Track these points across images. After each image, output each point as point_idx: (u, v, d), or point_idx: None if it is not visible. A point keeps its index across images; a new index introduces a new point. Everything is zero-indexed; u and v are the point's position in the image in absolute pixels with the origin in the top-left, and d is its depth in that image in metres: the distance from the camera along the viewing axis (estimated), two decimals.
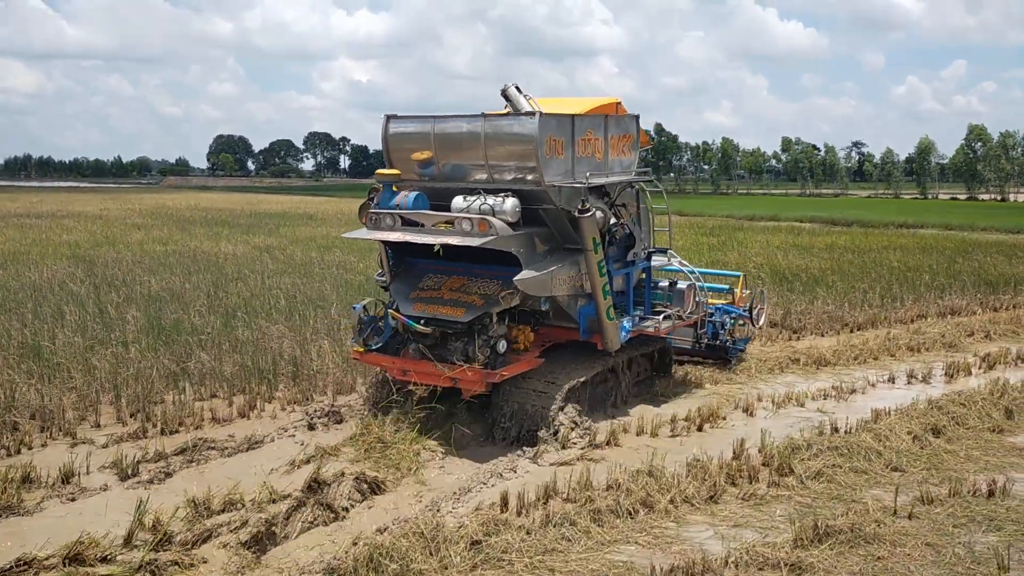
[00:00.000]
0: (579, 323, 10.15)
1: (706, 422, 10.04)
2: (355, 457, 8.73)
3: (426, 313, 9.55)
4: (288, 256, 23.39)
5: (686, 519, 7.34)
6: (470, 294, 9.60)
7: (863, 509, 7.34)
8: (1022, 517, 7.25)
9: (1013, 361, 13.38)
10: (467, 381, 9.29)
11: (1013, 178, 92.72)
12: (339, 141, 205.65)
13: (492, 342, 9.28)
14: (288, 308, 15.05)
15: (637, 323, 10.80)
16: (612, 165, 10.46)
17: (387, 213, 9.61)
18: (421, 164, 9.94)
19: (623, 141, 10.66)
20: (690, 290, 11.66)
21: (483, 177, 9.65)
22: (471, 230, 9.01)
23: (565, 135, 9.58)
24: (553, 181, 9.39)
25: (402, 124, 10.04)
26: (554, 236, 9.88)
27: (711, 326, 12.68)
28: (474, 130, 9.47)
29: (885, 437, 9.09)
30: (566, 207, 9.54)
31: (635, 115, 10.99)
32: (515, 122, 9.40)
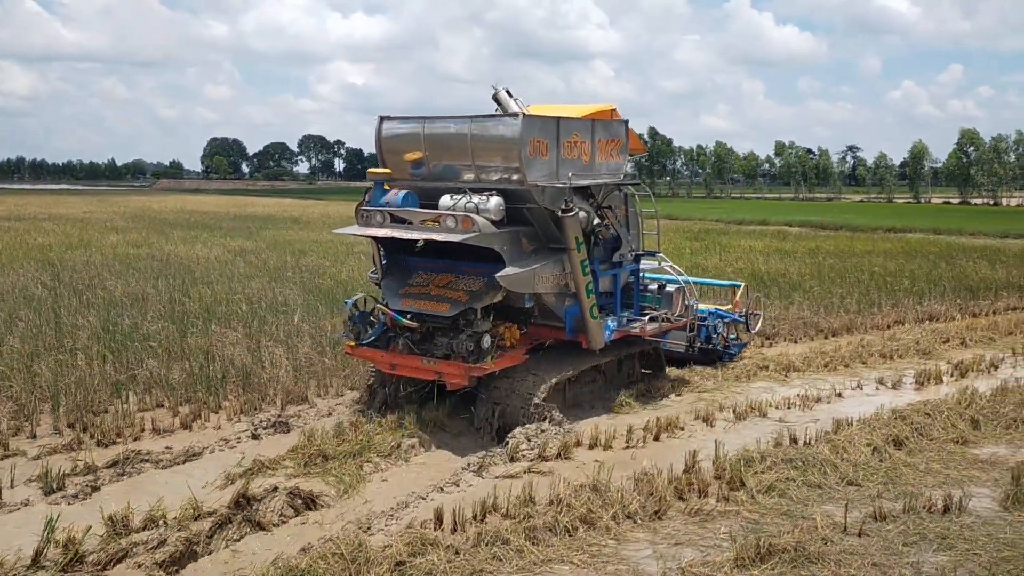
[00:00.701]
0: (565, 322, 10.38)
1: (663, 432, 9.75)
2: (294, 471, 8.42)
3: (413, 308, 9.81)
4: (262, 260, 23.07)
5: (627, 536, 7.03)
6: (456, 290, 9.86)
7: (811, 526, 7.04)
8: (975, 535, 6.96)
9: (986, 368, 13.11)
10: (450, 375, 9.56)
11: (1006, 182, 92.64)
12: (334, 144, 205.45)
13: (476, 337, 9.47)
14: (248, 314, 14.73)
15: (624, 324, 10.98)
16: (599, 168, 10.66)
17: (377, 210, 9.95)
18: (413, 164, 10.22)
19: (611, 145, 10.86)
20: (678, 293, 11.84)
21: (471, 177, 9.93)
22: (455, 227, 9.30)
23: (550, 137, 9.83)
24: (537, 181, 9.63)
25: (395, 125, 10.39)
26: (539, 235, 10.10)
27: (704, 330, 12.81)
28: (461, 131, 9.82)
29: (844, 449, 8.79)
30: (550, 207, 9.77)
31: (624, 120, 11.21)
32: (499, 123, 9.73)
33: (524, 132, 9.41)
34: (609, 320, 10.71)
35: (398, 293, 10.19)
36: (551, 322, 10.53)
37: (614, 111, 11.35)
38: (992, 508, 7.54)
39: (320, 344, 12.70)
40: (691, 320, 12.21)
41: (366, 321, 10.30)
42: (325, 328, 13.55)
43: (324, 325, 13.72)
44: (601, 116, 11.04)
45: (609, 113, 11.25)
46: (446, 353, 9.63)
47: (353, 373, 11.65)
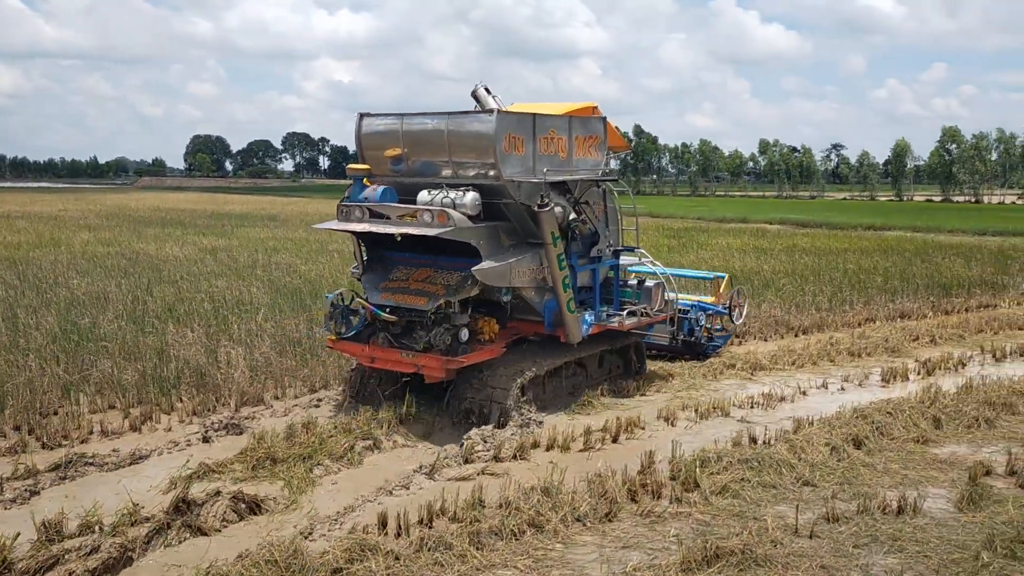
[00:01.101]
0: (544, 316, 10.51)
1: (624, 432, 9.61)
2: (241, 474, 8.24)
3: (392, 302, 10.01)
4: (232, 258, 22.82)
5: (574, 540, 6.89)
6: (434, 284, 10.02)
7: (762, 528, 6.92)
8: (927, 537, 6.85)
9: (954, 366, 13.04)
10: (429, 368, 9.74)
11: (987, 180, 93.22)
12: (318, 141, 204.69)
13: (454, 331, 9.67)
14: (210, 313, 14.50)
15: (602, 319, 11.11)
16: (577, 164, 10.78)
17: (356, 206, 10.10)
18: (392, 160, 10.40)
19: (589, 142, 10.99)
20: (658, 288, 12.03)
21: (448, 173, 10.09)
22: (431, 221, 9.43)
23: (525, 133, 9.94)
24: (512, 176, 9.74)
25: (374, 122, 10.51)
26: (517, 230, 10.18)
27: (687, 323, 12.94)
28: (438, 128, 9.93)
29: (802, 449, 8.68)
30: (526, 202, 9.86)
31: (602, 117, 11.34)
32: (475, 120, 9.85)
33: (499, 128, 9.54)
34: (587, 314, 10.80)
35: (378, 288, 10.34)
36: (530, 316, 10.67)
37: (595, 109, 11.46)
38: (947, 509, 7.44)
39: (280, 344, 12.51)
40: (671, 314, 12.39)
41: (347, 315, 10.45)
42: (288, 327, 13.33)
43: (287, 324, 13.50)
44: (582, 113, 11.12)
45: (590, 111, 11.36)
46: (425, 346, 9.76)
47: (312, 374, 11.47)
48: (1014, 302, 18.97)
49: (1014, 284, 20.80)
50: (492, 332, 10.38)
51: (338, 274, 19.49)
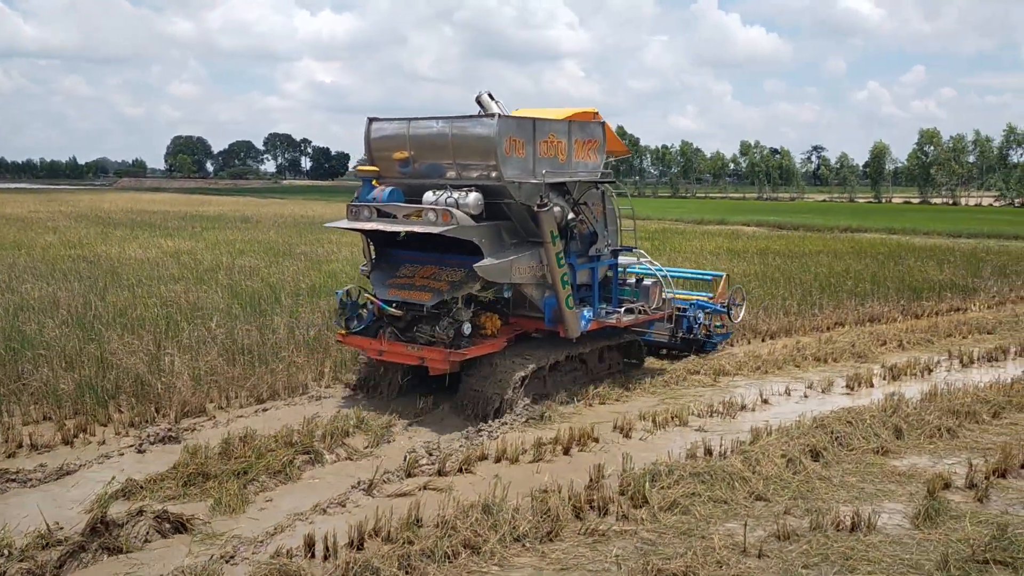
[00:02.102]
0: (544, 312, 10.94)
1: (576, 444, 9.28)
2: (172, 491, 7.85)
3: (398, 297, 10.49)
4: (196, 261, 22.32)
5: (511, 562, 6.55)
6: (439, 281, 10.50)
7: (708, 547, 6.62)
8: (880, 555, 6.56)
9: (920, 372, 12.82)
10: (433, 360, 10.16)
11: (964, 182, 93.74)
12: (300, 143, 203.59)
13: (457, 325, 10.12)
14: (162, 318, 14.06)
15: (601, 315, 11.58)
16: (576, 166, 11.21)
17: (365, 205, 10.56)
18: (400, 163, 10.81)
19: (588, 145, 11.41)
20: (656, 287, 12.58)
21: (453, 174, 10.52)
22: (435, 220, 9.89)
23: (526, 136, 10.37)
24: (513, 178, 10.17)
25: (382, 126, 10.96)
26: (518, 230, 10.63)
27: (686, 321, 13.42)
28: (443, 131, 10.42)
29: (757, 461, 8.38)
30: (526, 202, 10.28)
31: (602, 122, 11.80)
32: (477, 124, 10.31)
33: (500, 132, 9.97)
34: (585, 311, 11.17)
35: (385, 284, 10.81)
36: (531, 312, 11.15)
37: (596, 114, 11.97)
38: (902, 525, 7.16)
39: (230, 352, 12.10)
40: (669, 312, 12.89)
41: (356, 310, 10.87)
42: (239, 334, 12.93)
43: (239, 330, 13.09)
44: (582, 118, 11.59)
45: (591, 116, 11.85)
46: (429, 340, 10.22)
47: (259, 383, 11.07)
48: (984, 306, 18.82)
49: (985, 287, 20.64)
50: (494, 327, 10.80)
51: (300, 278, 19.08)
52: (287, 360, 11.93)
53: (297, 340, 12.98)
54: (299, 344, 12.80)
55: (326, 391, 11.41)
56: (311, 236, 31.73)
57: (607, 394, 11.25)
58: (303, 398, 11.04)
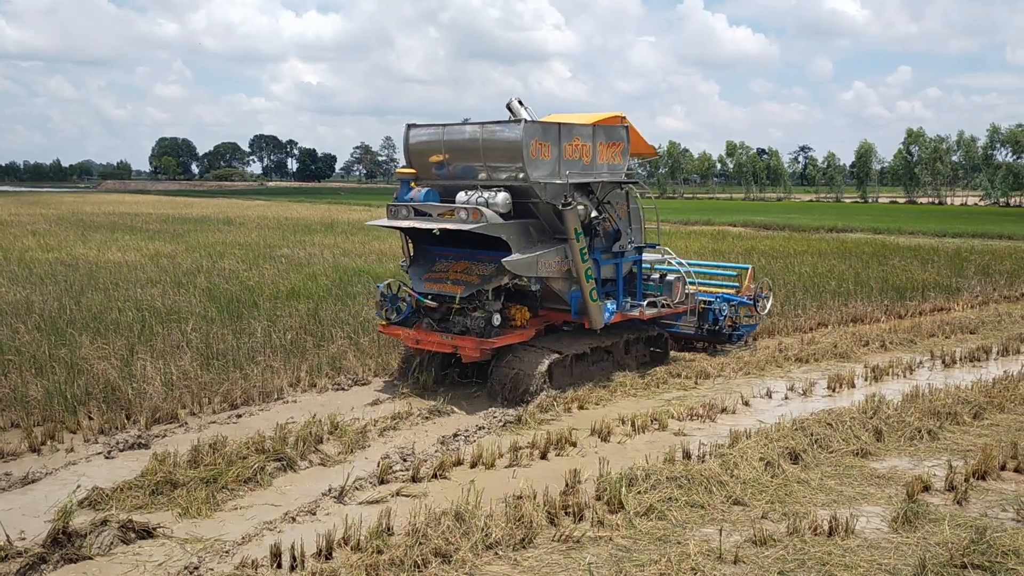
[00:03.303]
0: (570, 305, 11.69)
1: (553, 448, 9.15)
2: (139, 500, 7.66)
3: (434, 290, 11.27)
4: (175, 264, 22.09)
5: (483, 571, 6.41)
6: (471, 275, 11.23)
7: (683, 553, 6.50)
8: (857, 561, 6.46)
9: (902, 373, 12.76)
10: (465, 348, 10.88)
11: (949, 182, 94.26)
12: (286, 144, 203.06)
13: (488, 316, 10.85)
14: (137, 322, 13.85)
15: (626, 308, 12.28)
16: (600, 168, 11.90)
17: (403, 205, 11.33)
18: (436, 165, 11.58)
19: (612, 148, 12.11)
20: (679, 282, 13.29)
21: (484, 176, 11.20)
22: (466, 218, 10.57)
23: (551, 140, 11.09)
24: (539, 179, 10.88)
25: (419, 132, 11.75)
26: (545, 227, 11.37)
27: (711, 314, 13.88)
28: (474, 136, 11.17)
29: (735, 464, 8.26)
30: (551, 201, 11.00)
31: (626, 126, 12.51)
32: (505, 128, 11.01)
33: (526, 136, 10.67)
34: (609, 303, 11.90)
35: (422, 278, 11.60)
36: (559, 305, 11.93)
37: (623, 118, 12.69)
38: (881, 529, 7.06)
39: (204, 356, 11.92)
40: (692, 306, 13.53)
41: (395, 303, 11.71)
42: (214, 338, 12.74)
43: (214, 335, 12.91)
44: (609, 123, 12.31)
45: (617, 120, 12.56)
46: (462, 330, 10.97)
47: (233, 388, 10.89)
48: (968, 305, 18.81)
49: (968, 287, 20.64)
50: (523, 318, 11.64)
51: (280, 280, 18.89)
52: (263, 365, 11.76)
53: (274, 344, 12.81)
54: (276, 348, 12.63)
55: (302, 396, 11.25)
56: (293, 238, 31.52)
57: (586, 397, 11.12)
58: (278, 403, 10.87)
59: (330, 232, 35.26)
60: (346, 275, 20.14)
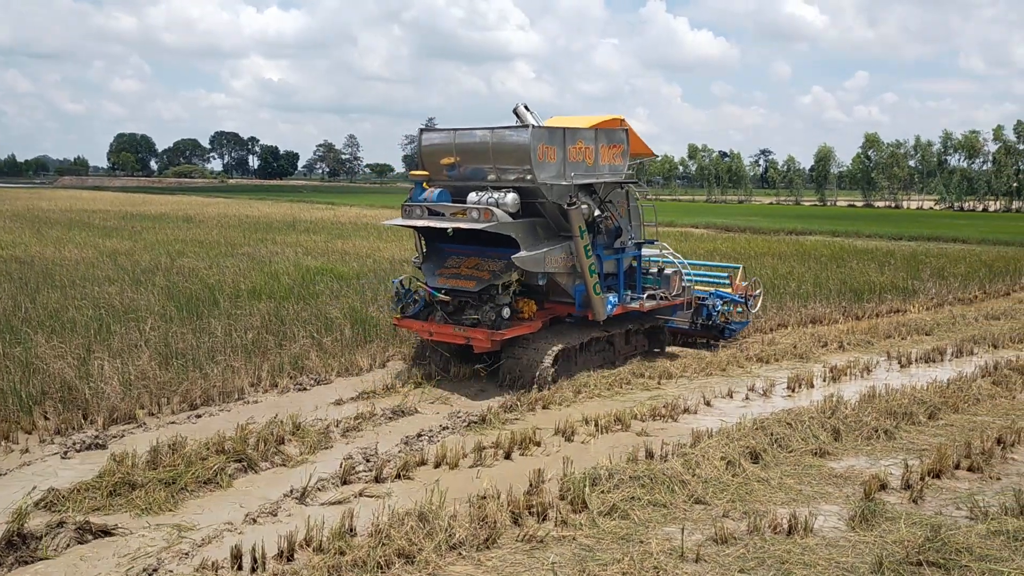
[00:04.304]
0: (575, 298, 12.40)
1: (517, 448, 9.17)
2: (98, 502, 7.54)
3: (446, 285, 11.94)
4: (133, 262, 21.74)
5: (447, 571, 6.40)
6: (482, 271, 11.91)
7: (645, 552, 6.55)
8: (816, 559, 6.56)
9: (860, 373, 12.97)
10: (477, 340, 11.54)
11: (905, 186, 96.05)
12: (248, 141, 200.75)
13: (498, 309, 11.51)
14: (94, 321, 13.61)
15: (626, 301, 12.94)
16: (602, 169, 12.54)
17: (417, 205, 11.95)
18: (448, 167, 12.16)
19: (613, 150, 12.77)
20: (675, 275, 13.83)
21: (493, 177, 11.79)
22: (478, 218, 11.20)
23: (557, 143, 11.70)
24: (545, 180, 11.50)
25: (432, 136, 12.40)
26: (551, 225, 12.02)
27: (705, 309, 14.51)
28: (484, 140, 11.75)
29: (697, 464, 8.34)
30: (557, 201, 11.65)
31: (626, 128, 13.16)
32: (514, 133, 11.63)
33: (533, 140, 11.30)
34: (611, 296, 12.57)
35: (435, 274, 12.24)
36: (563, 299, 12.58)
37: (622, 121, 13.32)
38: (838, 528, 7.17)
39: (163, 355, 11.75)
40: (688, 299, 14.06)
41: (410, 297, 12.28)
42: (173, 337, 12.57)
43: (174, 333, 12.73)
44: (609, 125, 12.95)
45: (617, 123, 13.18)
46: (474, 322, 11.59)
47: (193, 387, 10.74)
48: (923, 307, 19.17)
49: (924, 289, 21.04)
50: (531, 311, 12.22)
51: (241, 279, 18.68)
52: (223, 364, 11.62)
53: (234, 343, 12.67)
54: (236, 348, 12.49)
55: (264, 396, 11.14)
56: (255, 236, 31.20)
57: (551, 398, 11.16)
58: (238, 404, 10.75)
59: (292, 231, 34.97)
60: (308, 274, 19.99)
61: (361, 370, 12.48)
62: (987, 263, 26.68)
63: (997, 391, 11.58)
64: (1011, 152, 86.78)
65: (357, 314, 15.17)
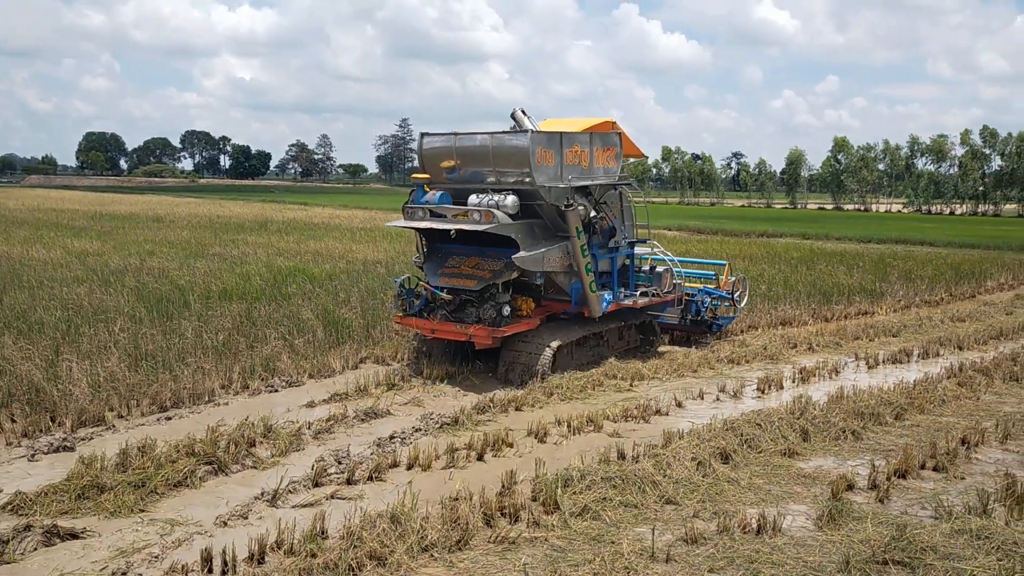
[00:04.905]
0: (571, 296, 12.86)
1: (490, 449, 9.19)
2: (63, 505, 7.45)
3: (448, 284, 12.28)
4: (102, 263, 21.48)
5: (419, 573, 6.41)
6: (482, 270, 12.26)
7: (616, 552, 6.59)
8: (784, 558, 6.64)
9: (828, 374, 13.14)
10: (478, 336, 11.89)
11: (874, 189, 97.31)
12: (219, 140, 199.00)
13: (498, 307, 11.93)
14: (61, 322, 13.44)
15: (620, 298, 13.43)
16: (597, 171, 13.01)
17: (419, 207, 12.34)
18: (447, 170, 12.58)
19: (607, 152, 13.26)
20: (667, 273, 14.42)
21: (492, 180, 12.18)
22: (479, 219, 11.64)
23: (554, 147, 12.12)
24: (543, 183, 11.92)
25: (433, 140, 12.74)
26: (548, 226, 12.43)
27: (694, 305, 15.10)
28: (484, 144, 12.16)
29: (668, 464, 8.40)
30: (555, 203, 12.09)
31: (619, 132, 13.58)
32: (513, 138, 12.08)
33: (532, 144, 11.70)
34: (606, 294, 13.08)
35: (436, 273, 12.58)
36: (560, 296, 13.07)
37: (614, 124, 13.69)
38: (806, 527, 7.27)
39: (132, 357, 11.63)
40: (678, 295, 14.63)
41: (411, 296, 12.65)
42: (143, 339, 12.45)
43: (144, 335, 12.61)
44: (601, 128, 13.35)
45: (609, 126, 13.58)
46: (475, 320, 12.01)
47: (163, 389, 10.65)
48: (890, 309, 19.45)
49: (891, 292, 21.35)
50: (529, 308, 12.66)
51: (212, 279, 18.53)
52: (193, 366, 11.53)
53: (205, 345, 12.57)
54: (207, 349, 12.40)
55: (235, 398, 11.07)
56: (226, 236, 30.96)
57: (523, 400, 11.19)
58: (209, 406, 10.67)
59: (264, 231, 34.74)
60: (280, 275, 19.87)
61: (333, 372, 12.43)
62: (953, 266, 27.13)
63: (962, 392, 11.78)
64: (977, 156, 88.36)
65: (329, 315, 15.12)
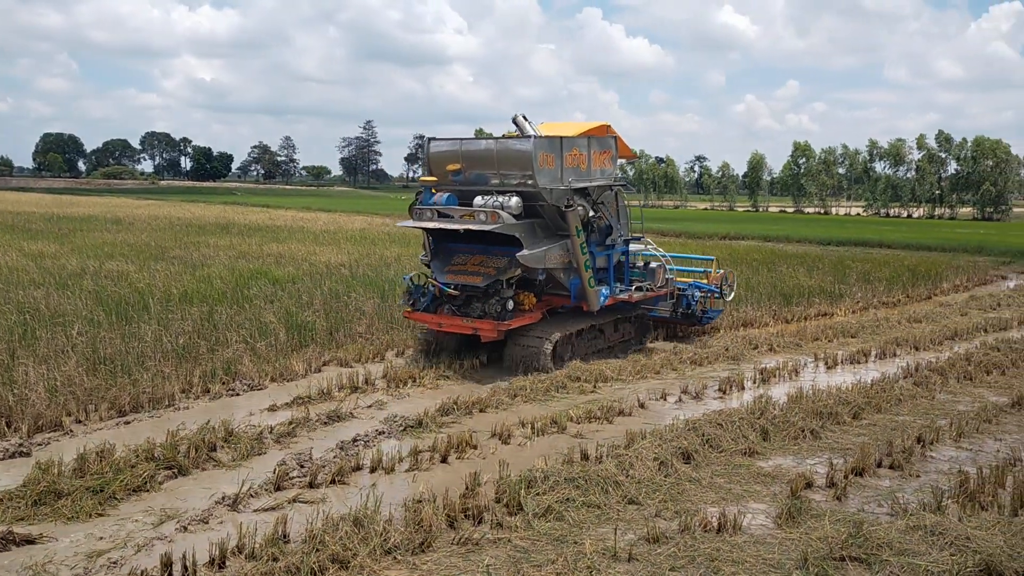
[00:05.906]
0: (570, 291, 13.62)
1: (453, 451, 9.19)
2: (19, 511, 7.33)
3: (455, 281, 13.03)
4: (59, 265, 21.11)
5: (382, 575, 6.40)
6: (487, 267, 12.96)
7: (579, 553, 6.64)
8: (744, 556, 6.73)
9: (788, 375, 13.32)
10: (484, 330, 12.67)
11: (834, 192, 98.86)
12: (180, 142, 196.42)
13: (502, 302, 12.70)
14: (15, 326, 13.20)
15: (616, 292, 14.24)
16: (594, 173, 13.73)
17: (427, 208, 13.08)
18: (453, 173, 13.25)
19: (604, 155, 13.98)
20: (660, 268, 15.43)
21: (497, 182, 12.93)
22: (485, 220, 12.40)
23: (555, 151, 12.88)
24: (545, 185, 12.66)
25: (439, 144, 13.54)
26: (549, 225, 13.18)
27: (685, 299, 15.95)
28: (489, 148, 13.07)
29: (630, 465, 8.48)
30: (556, 204, 12.84)
31: (614, 135, 14.44)
32: (517, 142, 12.95)
33: (535, 149, 12.48)
34: (603, 289, 13.85)
35: (443, 270, 13.30)
36: (559, 291, 13.80)
37: (608, 128, 14.63)
38: (766, 525, 7.37)
39: (91, 361, 11.45)
40: (670, 290, 15.53)
41: (420, 292, 13.43)
42: (101, 343, 12.26)
43: (102, 338, 12.42)
44: (597, 131, 14.24)
45: (604, 129, 14.51)
46: (480, 314, 12.76)
47: (121, 393, 10.50)
48: (849, 310, 19.78)
49: (850, 293, 21.71)
50: (531, 303, 13.41)
51: (172, 282, 18.30)
52: (153, 370, 11.39)
53: (165, 349, 12.42)
54: (167, 353, 12.25)
55: (195, 402, 10.95)
56: (187, 239, 30.58)
57: (487, 401, 11.20)
58: (169, 410, 10.54)
59: (226, 233, 34.36)
60: (242, 278, 19.68)
61: (296, 375, 12.34)
62: (910, 268, 27.65)
63: (918, 391, 12.02)
64: (934, 160, 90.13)
65: (292, 318, 15.01)
